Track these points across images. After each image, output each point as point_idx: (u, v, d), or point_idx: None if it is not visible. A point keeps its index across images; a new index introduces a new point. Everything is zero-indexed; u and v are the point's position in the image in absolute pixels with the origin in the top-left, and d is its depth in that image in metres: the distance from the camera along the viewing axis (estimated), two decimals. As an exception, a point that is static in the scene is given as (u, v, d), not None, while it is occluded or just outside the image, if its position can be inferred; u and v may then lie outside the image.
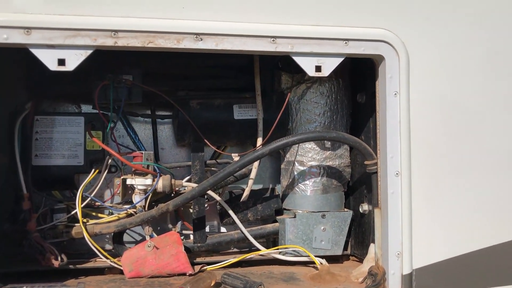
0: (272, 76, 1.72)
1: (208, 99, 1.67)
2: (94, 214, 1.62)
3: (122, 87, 1.57)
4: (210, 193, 1.61)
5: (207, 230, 1.69)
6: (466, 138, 1.45)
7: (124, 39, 1.25)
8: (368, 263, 1.50)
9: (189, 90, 1.73)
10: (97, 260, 1.55)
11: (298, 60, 1.36)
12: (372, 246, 1.50)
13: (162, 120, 1.79)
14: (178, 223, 1.72)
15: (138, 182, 1.54)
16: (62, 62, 1.23)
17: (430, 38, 1.42)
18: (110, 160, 1.61)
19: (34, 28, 1.20)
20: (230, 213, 1.64)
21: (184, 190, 1.63)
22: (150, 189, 1.55)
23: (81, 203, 1.51)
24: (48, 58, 1.22)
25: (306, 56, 1.35)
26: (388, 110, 1.40)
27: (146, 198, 1.56)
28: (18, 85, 1.62)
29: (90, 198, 1.57)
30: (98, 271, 1.52)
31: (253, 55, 1.66)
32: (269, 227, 1.67)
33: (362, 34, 1.36)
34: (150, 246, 1.48)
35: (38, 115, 1.61)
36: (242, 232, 1.63)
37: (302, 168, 1.65)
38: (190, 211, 1.64)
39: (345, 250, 1.67)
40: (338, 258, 1.68)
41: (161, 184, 1.56)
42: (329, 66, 1.37)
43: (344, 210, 1.67)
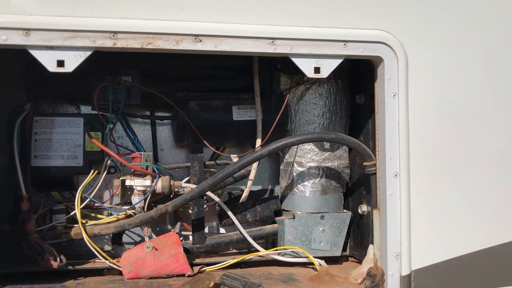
0: (271, 77, 1.72)
1: (207, 100, 1.67)
2: (93, 215, 1.62)
3: (121, 88, 1.57)
4: (209, 194, 1.61)
5: (206, 231, 1.69)
6: (464, 139, 1.46)
7: (123, 41, 1.25)
8: (367, 264, 1.50)
9: (188, 91, 1.73)
10: (96, 261, 1.55)
11: (297, 61, 1.36)
12: (371, 247, 1.51)
13: (161, 121, 1.79)
14: (177, 224, 1.72)
15: (137, 183, 1.55)
16: (61, 63, 1.23)
17: (429, 40, 1.42)
18: (109, 161, 1.61)
19: (33, 29, 1.20)
20: (229, 214, 1.64)
21: (183, 191, 1.63)
22: (149, 190, 1.55)
23: (80, 204, 1.51)
24: (47, 59, 1.22)
25: (305, 57, 1.35)
26: (387, 111, 1.40)
27: (145, 199, 1.56)
28: (17, 86, 1.62)
29: (89, 199, 1.58)
30: (97, 272, 1.52)
31: (252, 56, 1.66)
32: (268, 228, 1.67)
33: (360, 35, 1.37)
34: (149, 247, 1.48)
35: (37, 116, 1.61)
36: (241, 233, 1.63)
37: (301, 169, 1.65)
38: (189, 212, 1.64)
39: (344, 251, 1.67)
40: (337, 259, 1.68)
41: (160, 185, 1.56)
42: (327, 67, 1.37)
43: (343, 211, 1.67)
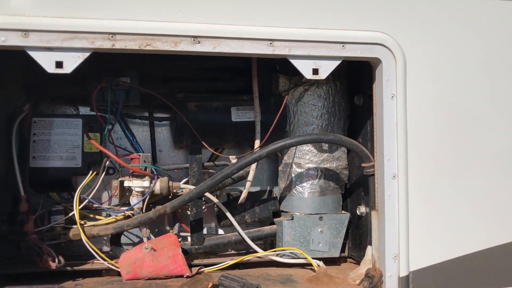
0: (269, 78, 1.72)
1: (205, 101, 1.67)
2: (92, 216, 1.62)
3: (119, 89, 1.57)
4: (207, 195, 1.61)
5: (205, 232, 1.69)
6: (463, 141, 1.46)
7: (121, 42, 1.25)
8: (365, 265, 1.50)
9: (186, 92, 1.73)
10: (94, 262, 1.55)
11: (295, 63, 1.36)
12: (369, 248, 1.51)
13: (159, 122, 1.79)
14: (176, 225, 1.71)
15: (136, 184, 1.55)
16: (59, 64, 1.23)
17: (427, 41, 1.42)
18: (107, 162, 1.60)
19: (32, 30, 1.20)
20: (228, 215, 1.64)
21: (181, 192, 1.63)
22: (148, 191, 1.55)
23: (78, 205, 1.51)
24: (45, 60, 1.22)
25: (303, 59, 1.35)
26: (385, 113, 1.40)
27: (143, 200, 1.56)
28: (16, 87, 1.62)
29: (87, 200, 1.58)
30: (96, 273, 1.53)
31: (250, 58, 1.66)
32: (266, 229, 1.67)
33: (358, 37, 1.37)
34: (147, 248, 1.48)
35: (36, 117, 1.61)
36: (239, 234, 1.63)
37: (299, 170, 1.65)
38: (188, 213, 1.64)
39: (342, 252, 1.67)
40: (336, 260, 1.68)
41: (158, 186, 1.56)
42: (326, 69, 1.37)
43: (341, 212, 1.68)
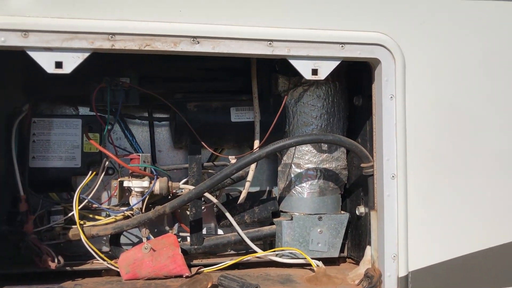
0: (269, 78, 1.72)
1: (205, 102, 1.67)
2: (91, 216, 1.62)
3: (119, 90, 1.57)
4: (207, 195, 1.61)
5: (204, 232, 1.69)
6: (462, 141, 1.46)
7: (121, 42, 1.26)
8: (364, 265, 1.50)
9: (186, 92, 1.73)
10: (94, 262, 1.55)
11: (294, 63, 1.36)
12: (368, 249, 1.51)
13: (159, 122, 1.79)
14: (175, 225, 1.72)
15: (135, 184, 1.55)
16: (59, 64, 1.23)
17: (426, 42, 1.43)
18: (107, 162, 1.60)
19: (32, 30, 1.21)
20: (227, 215, 1.64)
21: (181, 192, 1.63)
22: (147, 191, 1.55)
23: (78, 205, 1.51)
24: (45, 60, 1.22)
25: (303, 59, 1.36)
26: (384, 113, 1.41)
27: (143, 200, 1.56)
28: (15, 87, 1.62)
29: (87, 200, 1.58)
30: (95, 273, 1.53)
31: (250, 58, 1.67)
32: (266, 230, 1.67)
33: (358, 37, 1.37)
34: (147, 248, 1.49)
35: (35, 117, 1.61)
36: (239, 234, 1.63)
37: (299, 170, 1.65)
38: (187, 213, 1.64)
39: (341, 252, 1.67)
40: (335, 260, 1.68)
41: (158, 186, 1.56)
42: (325, 69, 1.37)
43: (340, 212, 1.68)
